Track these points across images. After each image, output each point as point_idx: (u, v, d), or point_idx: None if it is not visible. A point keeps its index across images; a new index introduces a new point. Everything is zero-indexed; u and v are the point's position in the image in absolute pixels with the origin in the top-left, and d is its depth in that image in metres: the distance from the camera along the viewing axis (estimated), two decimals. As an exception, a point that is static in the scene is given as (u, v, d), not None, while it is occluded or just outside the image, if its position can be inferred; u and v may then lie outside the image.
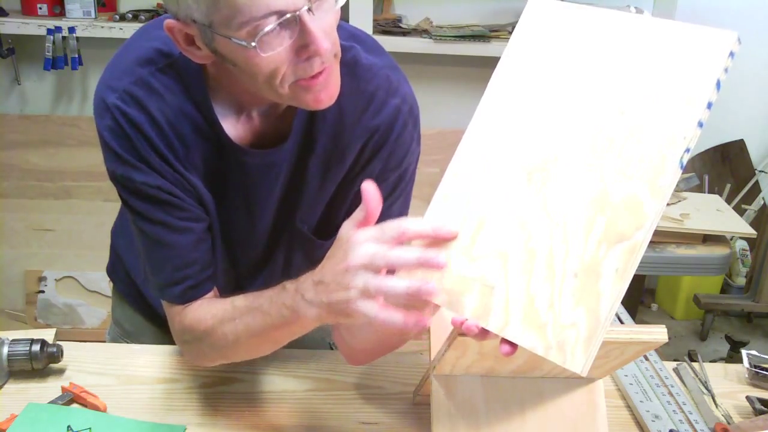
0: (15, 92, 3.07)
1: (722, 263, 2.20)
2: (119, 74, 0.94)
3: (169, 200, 0.96)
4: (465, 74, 3.15)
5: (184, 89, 0.94)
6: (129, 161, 0.94)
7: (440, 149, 3.09)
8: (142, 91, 0.93)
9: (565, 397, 0.97)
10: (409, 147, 1.03)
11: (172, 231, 0.97)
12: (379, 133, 1.00)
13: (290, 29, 0.80)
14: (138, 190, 0.96)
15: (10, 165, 2.97)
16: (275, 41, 0.80)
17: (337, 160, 1.01)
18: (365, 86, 0.98)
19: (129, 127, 0.93)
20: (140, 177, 0.95)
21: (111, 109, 0.93)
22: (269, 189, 1.02)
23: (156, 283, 1.01)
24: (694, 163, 3.28)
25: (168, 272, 0.99)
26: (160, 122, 0.94)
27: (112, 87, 0.94)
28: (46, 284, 2.95)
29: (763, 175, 3.26)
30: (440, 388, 0.95)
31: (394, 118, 1.00)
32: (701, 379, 1.24)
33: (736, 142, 3.28)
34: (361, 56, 0.99)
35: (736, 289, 3.19)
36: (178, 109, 0.95)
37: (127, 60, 0.95)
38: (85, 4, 2.79)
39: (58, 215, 2.97)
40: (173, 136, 0.95)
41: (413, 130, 1.03)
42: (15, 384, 1.12)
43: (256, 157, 0.99)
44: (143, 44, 0.96)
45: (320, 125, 0.99)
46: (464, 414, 0.95)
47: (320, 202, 1.05)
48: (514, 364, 0.92)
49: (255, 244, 1.09)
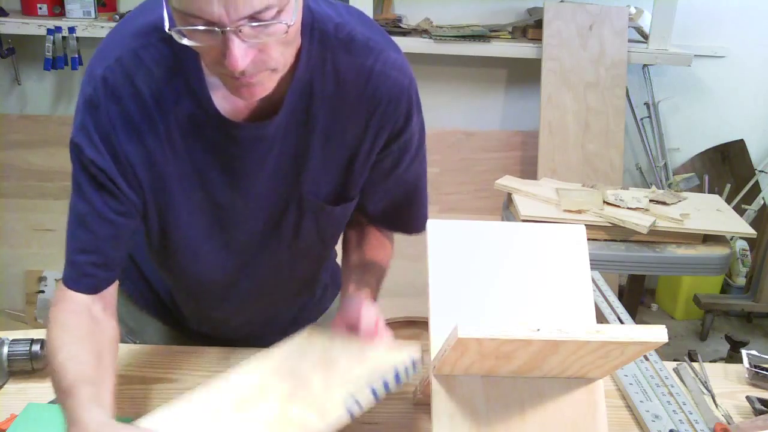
0: (15, 92, 3.08)
1: (722, 263, 2.20)
2: (112, 46, 0.97)
3: (107, 186, 0.98)
4: (465, 74, 3.15)
5: (175, 64, 0.95)
6: (89, 133, 0.96)
7: (440, 149, 3.09)
8: (132, 63, 0.94)
9: (565, 397, 0.97)
10: (413, 115, 1.06)
11: (96, 215, 0.99)
12: (382, 106, 1.02)
13: (214, 38, 0.82)
14: (84, 164, 0.97)
15: (10, 165, 2.97)
16: (199, 37, 0.83)
17: (338, 134, 1.03)
18: (363, 61, 1.00)
19: (106, 98, 0.94)
20: (91, 153, 0.96)
21: (96, 78, 0.95)
22: (260, 162, 1.02)
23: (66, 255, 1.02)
24: (694, 163, 3.29)
25: (72, 250, 1.01)
26: (143, 95, 0.95)
27: (102, 58, 0.96)
28: (46, 284, 2.95)
29: (763, 175, 3.26)
30: (440, 388, 0.95)
31: (397, 90, 1.02)
32: (701, 379, 1.24)
33: (736, 142, 3.28)
34: (357, 31, 1.00)
35: (736, 289, 3.19)
36: (165, 84, 0.95)
37: (122, 33, 0.97)
38: (85, 4, 2.79)
39: (58, 215, 2.95)
40: (155, 110, 0.96)
41: (414, 97, 1.06)
42: (15, 384, 1.12)
43: (246, 130, 0.99)
44: (140, 19, 0.97)
45: (318, 102, 1.00)
46: (464, 414, 0.94)
47: (327, 173, 1.06)
48: (514, 364, 0.92)
49: (253, 217, 1.09)
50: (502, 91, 3.22)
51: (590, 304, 0.99)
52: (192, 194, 1.03)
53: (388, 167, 1.09)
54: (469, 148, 3.13)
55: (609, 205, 2.23)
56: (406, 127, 1.06)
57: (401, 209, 1.16)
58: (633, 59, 2.97)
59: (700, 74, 3.21)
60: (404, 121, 1.05)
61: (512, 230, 1.02)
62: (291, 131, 1.01)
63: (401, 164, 1.10)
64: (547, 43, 2.92)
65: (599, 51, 2.95)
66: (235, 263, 1.13)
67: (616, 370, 1.19)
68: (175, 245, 1.09)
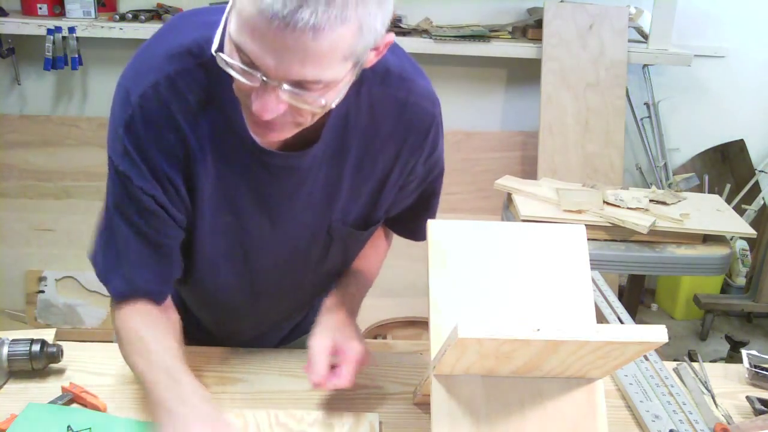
0: (15, 92, 3.07)
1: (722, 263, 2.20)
2: (147, 69, 0.94)
3: (155, 211, 0.97)
4: (465, 74, 3.15)
5: (210, 91, 0.94)
6: (135, 160, 0.94)
7: (440, 149, 3.09)
8: (168, 90, 0.92)
9: (565, 397, 0.97)
10: (439, 140, 1.09)
11: (141, 238, 0.99)
12: (412, 137, 1.03)
13: (254, 80, 0.81)
14: (131, 191, 0.96)
15: (10, 165, 2.97)
16: (241, 73, 0.81)
17: (369, 164, 1.04)
18: (396, 93, 1.00)
19: (144, 126, 0.93)
20: (139, 180, 0.95)
21: (133, 104, 0.92)
22: (291, 191, 1.02)
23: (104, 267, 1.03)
24: (694, 163, 3.29)
25: (120, 268, 1.01)
26: (179, 123, 0.94)
27: (137, 81, 0.93)
28: (46, 284, 2.95)
29: (763, 175, 3.26)
30: (440, 388, 0.95)
31: (428, 121, 1.04)
32: (701, 379, 1.24)
33: (736, 142, 3.28)
34: (390, 62, 0.99)
35: (736, 289, 3.19)
36: (200, 111, 0.94)
37: (156, 54, 0.94)
38: (85, 4, 2.79)
39: (58, 215, 2.97)
40: (192, 138, 0.95)
41: (439, 121, 1.07)
42: (15, 384, 1.12)
43: (279, 159, 0.98)
44: (173, 39, 0.95)
45: (352, 133, 1.00)
46: (464, 414, 0.95)
47: (356, 201, 1.07)
48: (514, 364, 0.92)
49: (280, 245, 1.09)
50: (502, 91, 3.22)
51: (590, 304, 0.99)
52: (221, 217, 1.04)
53: (413, 188, 1.12)
54: (470, 148, 3.14)
55: (609, 205, 2.23)
56: (433, 152, 1.08)
57: (415, 218, 1.18)
58: (633, 59, 2.97)
59: (700, 74, 3.21)
60: (432, 147, 1.07)
61: (512, 230, 1.02)
62: (324, 163, 1.01)
63: (424, 183, 1.12)
64: (547, 43, 2.92)
65: (599, 51, 2.95)
66: (255, 288, 1.15)
67: (616, 370, 1.19)
68: (197, 263, 1.09)
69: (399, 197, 1.11)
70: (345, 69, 0.81)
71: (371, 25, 0.79)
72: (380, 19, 0.80)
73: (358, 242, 1.16)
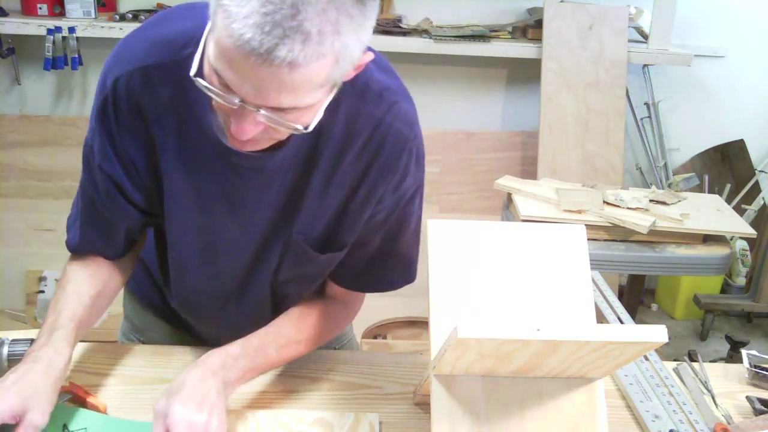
0: (15, 92, 3.07)
1: (722, 263, 2.20)
2: (127, 56, 0.97)
3: (109, 189, 1.04)
4: (465, 74, 3.15)
5: (185, 87, 0.93)
6: (102, 140, 1.00)
7: (440, 149, 3.09)
8: (140, 82, 0.96)
9: (565, 397, 0.97)
10: (410, 169, 1.05)
11: (93, 210, 1.07)
12: (382, 157, 1.01)
13: (231, 104, 0.82)
14: (92, 166, 1.04)
15: (10, 165, 2.97)
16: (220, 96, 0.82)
17: (338, 177, 1.02)
18: (373, 109, 0.99)
19: (114, 109, 0.98)
20: (99, 158, 1.02)
21: (107, 88, 0.98)
22: (259, 193, 1.02)
23: (68, 220, 1.14)
24: (694, 163, 3.28)
25: (75, 223, 1.11)
26: (147, 114, 0.97)
27: (115, 67, 0.97)
28: (46, 284, 2.95)
29: (763, 175, 3.26)
30: (440, 388, 0.95)
31: (401, 144, 1.01)
32: (701, 379, 1.24)
33: (736, 142, 3.28)
34: (373, 79, 0.99)
35: (736, 289, 3.19)
36: (170, 106, 0.96)
37: (142, 40, 0.98)
38: (85, 4, 2.79)
39: (58, 215, 2.96)
40: (158, 129, 0.98)
41: (415, 151, 1.04)
42: (15, 384, 1.12)
43: (247, 160, 0.98)
44: (164, 28, 0.98)
45: (326, 141, 0.99)
46: (464, 414, 0.95)
47: (320, 216, 1.05)
48: (514, 364, 0.92)
49: (244, 247, 1.08)
50: (502, 91, 3.22)
51: (590, 304, 0.99)
52: (190, 216, 1.05)
53: (380, 221, 1.07)
54: (469, 148, 3.13)
55: (609, 205, 2.23)
56: (404, 180, 1.05)
57: (383, 267, 1.13)
58: (633, 59, 2.97)
59: (700, 74, 3.21)
60: (402, 174, 1.04)
61: (512, 230, 1.02)
62: (294, 167, 1.00)
63: (391, 218, 1.08)
64: (547, 43, 2.92)
65: (599, 51, 2.95)
66: (223, 290, 1.15)
67: (616, 370, 1.19)
68: (171, 265, 1.13)
69: (364, 231, 1.07)
70: (322, 93, 0.83)
71: (349, 54, 0.81)
72: (359, 46, 0.82)
73: (313, 267, 1.11)
